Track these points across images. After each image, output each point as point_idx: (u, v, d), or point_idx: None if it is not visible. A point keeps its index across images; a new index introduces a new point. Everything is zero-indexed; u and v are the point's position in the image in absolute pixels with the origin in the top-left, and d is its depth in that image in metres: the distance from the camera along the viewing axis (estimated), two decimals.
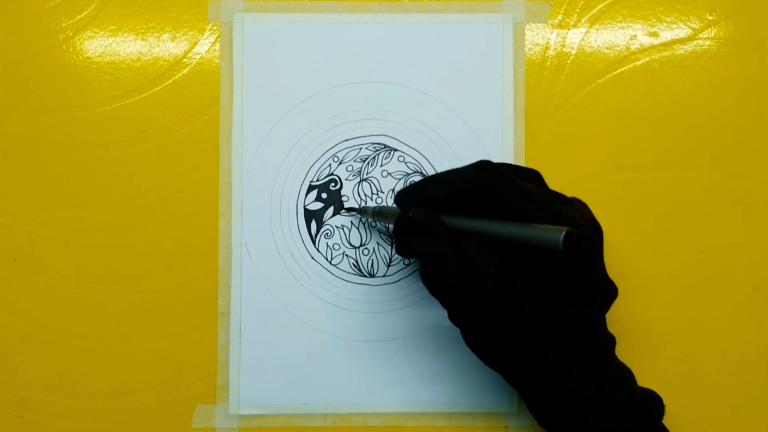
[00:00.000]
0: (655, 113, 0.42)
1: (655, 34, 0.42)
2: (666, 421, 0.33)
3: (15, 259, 0.42)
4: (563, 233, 0.27)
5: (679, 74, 0.42)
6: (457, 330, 0.34)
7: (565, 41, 0.42)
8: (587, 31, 0.42)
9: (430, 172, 0.42)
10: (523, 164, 0.41)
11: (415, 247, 0.33)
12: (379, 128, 0.42)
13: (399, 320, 0.41)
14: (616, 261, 0.41)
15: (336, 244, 0.42)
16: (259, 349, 0.41)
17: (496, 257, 0.33)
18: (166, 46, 0.42)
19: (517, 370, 0.33)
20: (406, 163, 0.42)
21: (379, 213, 0.38)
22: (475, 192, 0.32)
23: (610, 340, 0.34)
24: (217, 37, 0.42)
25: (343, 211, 0.42)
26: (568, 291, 0.32)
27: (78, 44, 0.42)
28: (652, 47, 0.42)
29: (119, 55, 0.42)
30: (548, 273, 0.31)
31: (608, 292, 0.34)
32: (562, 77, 0.42)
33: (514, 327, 0.31)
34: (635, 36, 0.42)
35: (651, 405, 0.33)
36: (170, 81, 0.42)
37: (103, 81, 0.42)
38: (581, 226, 0.32)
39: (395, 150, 0.42)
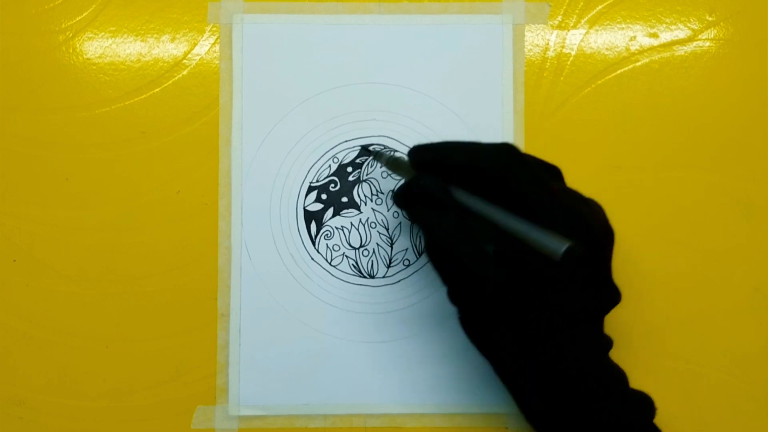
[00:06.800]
0: (654, 114, 0.42)
1: (654, 35, 0.42)
2: (666, 421, 0.33)
3: (15, 260, 0.42)
4: (565, 246, 0.27)
5: (679, 75, 0.42)
6: (457, 330, 0.34)
7: (564, 42, 0.42)
8: (587, 32, 0.42)
9: None
10: None
11: (423, 218, 0.33)
12: (379, 129, 0.42)
13: (398, 321, 0.41)
14: (616, 262, 0.41)
15: (336, 245, 0.42)
16: (259, 349, 0.41)
17: (503, 241, 0.32)
18: (166, 48, 0.42)
19: (509, 360, 0.33)
20: None
21: (393, 163, 0.38)
22: (491, 172, 0.31)
23: (607, 342, 0.34)
24: (216, 39, 0.42)
25: (360, 150, 0.41)
26: (572, 288, 0.31)
27: (78, 45, 0.42)
28: (652, 48, 0.42)
29: (119, 56, 0.42)
30: (554, 267, 0.31)
31: (611, 296, 0.34)
32: (562, 78, 0.42)
33: (513, 315, 0.31)
34: (635, 37, 0.42)
35: (644, 405, 0.33)
36: (170, 82, 0.42)
37: (102, 82, 0.42)
38: (594, 227, 0.32)
39: (395, 151, 0.42)
